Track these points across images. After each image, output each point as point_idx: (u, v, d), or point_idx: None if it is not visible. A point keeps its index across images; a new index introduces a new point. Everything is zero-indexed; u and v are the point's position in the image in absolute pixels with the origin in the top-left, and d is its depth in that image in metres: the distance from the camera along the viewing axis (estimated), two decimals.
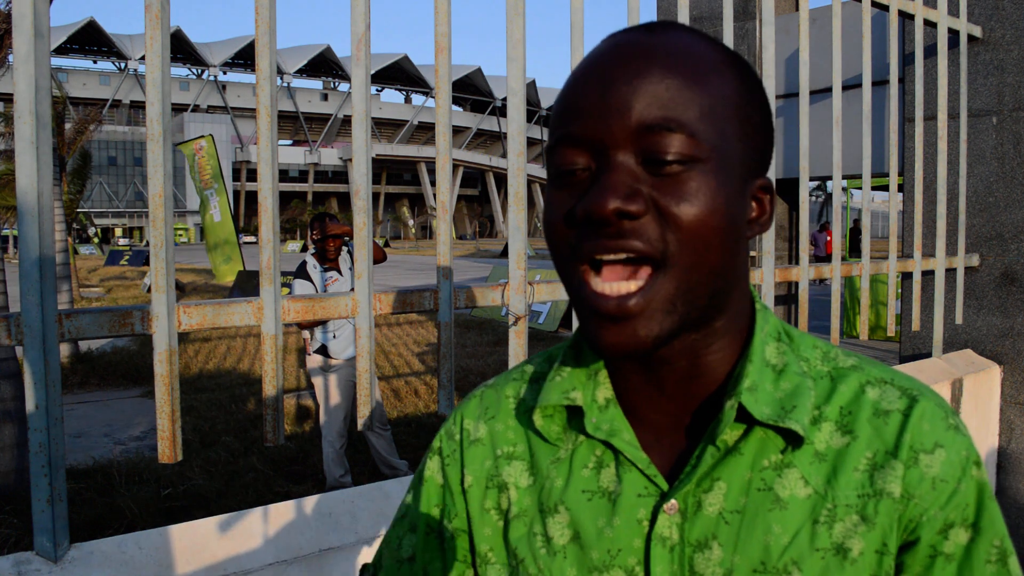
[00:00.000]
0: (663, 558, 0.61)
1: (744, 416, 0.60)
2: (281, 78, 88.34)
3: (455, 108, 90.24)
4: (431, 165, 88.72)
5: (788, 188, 4.64)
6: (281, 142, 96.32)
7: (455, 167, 79.66)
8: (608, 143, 0.55)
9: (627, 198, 0.54)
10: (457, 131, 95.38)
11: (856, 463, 0.60)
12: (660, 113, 0.54)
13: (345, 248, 4.76)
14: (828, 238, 19.20)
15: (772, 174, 2.38)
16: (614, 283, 0.56)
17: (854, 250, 19.00)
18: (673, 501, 0.61)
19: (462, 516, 0.71)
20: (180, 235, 75.70)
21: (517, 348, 1.76)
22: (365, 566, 0.76)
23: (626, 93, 0.55)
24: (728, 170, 0.57)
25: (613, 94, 0.55)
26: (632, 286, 0.55)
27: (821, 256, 17.98)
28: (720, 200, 0.56)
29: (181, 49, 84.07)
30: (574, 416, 0.67)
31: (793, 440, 0.60)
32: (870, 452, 0.60)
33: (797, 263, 2.53)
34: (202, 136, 19.69)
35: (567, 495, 0.65)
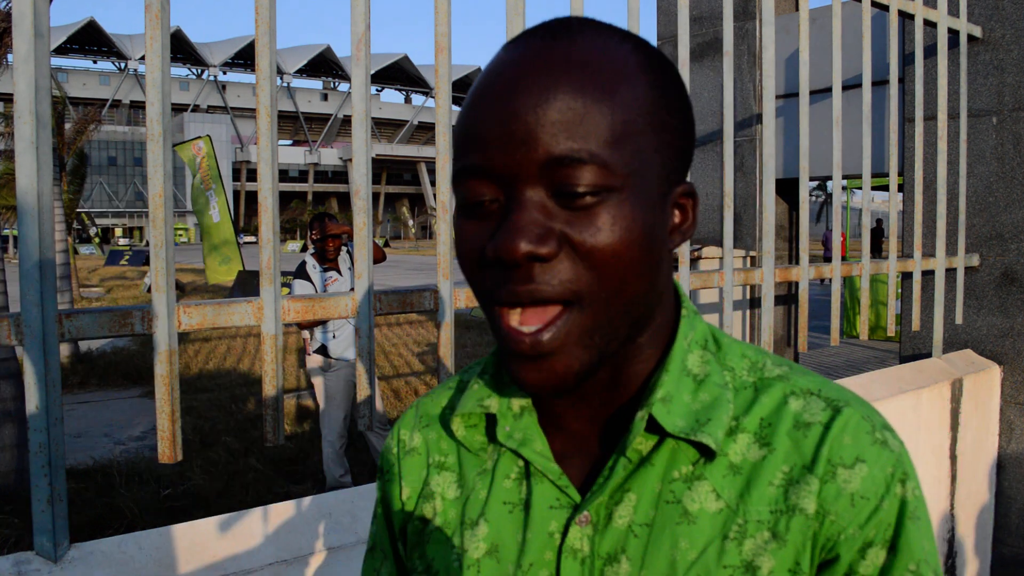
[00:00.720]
0: (574, 571, 0.59)
1: (657, 427, 0.58)
2: (281, 78, 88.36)
3: (455, 108, 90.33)
4: (431, 165, 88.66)
5: (788, 188, 4.64)
6: (281, 142, 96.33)
7: None
8: (515, 176, 0.52)
9: (538, 240, 0.51)
10: None
11: (771, 477, 0.57)
12: (568, 144, 0.51)
13: (345, 248, 4.76)
14: (841, 239, 19.22)
15: (772, 174, 2.38)
16: (528, 317, 0.54)
17: (876, 251, 18.97)
18: (586, 513, 0.59)
19: (403, 532, 0.69)
20: (180, 235, 75.70)
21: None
22: None
23: (530, 122, 0.51)
24: (645, 190, 0.54)
25: (517, 123, 0.51)
26: (549, 316, 0.53)
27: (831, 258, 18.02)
28: (637, 228, 0.53)
29: (181, 49, 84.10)
30: (493, 425, 0.65)
31: (706, 452, 0.58)
32: (787, 466, 0.57)
33: (797, 263, 2.53)
34: (199, 137, 19.69)
35: (488, 507, 0.63)
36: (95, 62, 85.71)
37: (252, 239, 64.12)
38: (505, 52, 0.55)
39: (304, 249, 44.92)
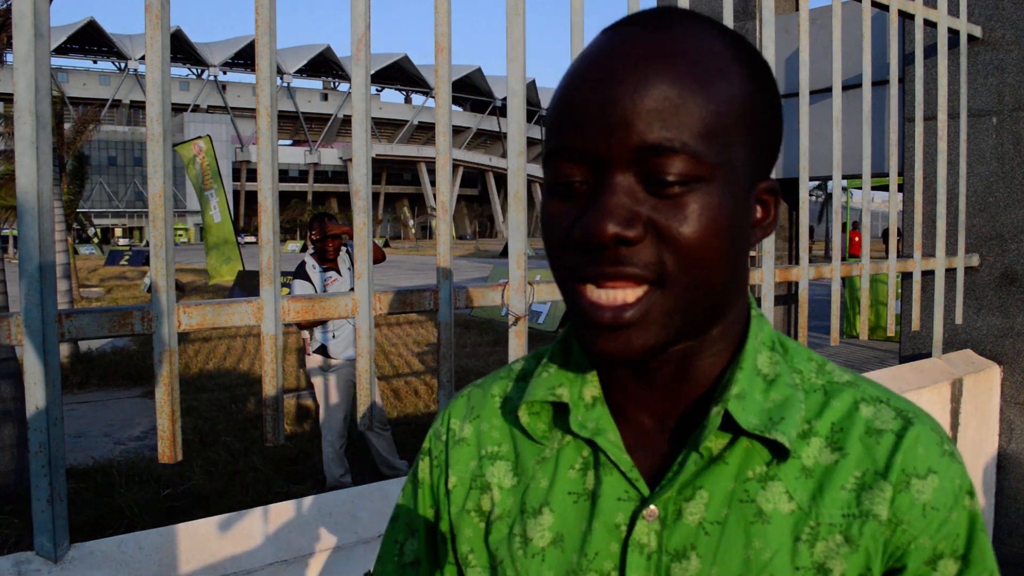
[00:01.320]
0: (639, 565, 0.59)
1: (730, 425, 0.58)
2: (281, 78, 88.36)
3: (455, 108, 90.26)
4: (431, 165, 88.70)
5: (788, 188, 4.64)
6: (281, 142, 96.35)
7: (455, 167, 79.73)
8: (607, 160, 0.53)
9: (625, 223, 0.52)
10: (457, 131, 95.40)
11: (844, 481, 0.57)
12: (662, 133, 0.52)
13: (344, 248, 4.76)
14: (856, 239, 19.25)
15: (772, 174, 2.38)
16: (611, 292, 0.54)
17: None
18: (653, 507, 0.59)
19: (446, 518, 0.70)
20: (180, 235, 75.72)
21: (517, 348, 1.76)
22: (368, 575, 0.75)
23: (627, 109, 0.52)
24: (732, 183, 0.55)
25: (613, 109, 0.52)
26: (630, 296, 0.54)
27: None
28: (722, 219, 0.54)
29: (181, 49, 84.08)
30: (560, 414, 0.65)
31: (779, 453, 0.58)
32: (859, 471, 0.57)
33: (797, 263, 2.53)
34: (199, 137, 19.67)
35: (552, 496, 0.63)
36: (95, 62, 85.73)
37: (252, 239, 64.13)
38: (606, 38, 0.56)
39: (304, 249, 44.91)
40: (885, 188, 11.41)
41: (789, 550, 0.56)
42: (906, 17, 2.92)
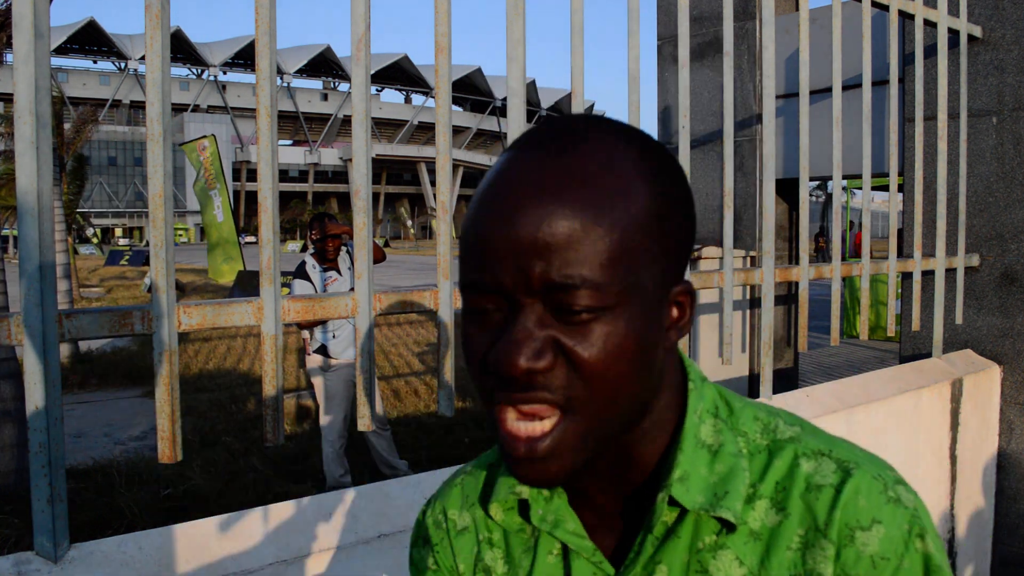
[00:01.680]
0: None
1: (678, 503, 0.61)
2: (281, 78, 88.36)
3: (455, 108, 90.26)
4: (431, 165, 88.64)
5: (788, 188, 4.64)
6: (281, 142, 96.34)
7: (455, 167, 79.69)
8: (515, 293, 0.55)
9: (536, 355, 0.54)
10: (457, 131, 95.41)
11: (788, 541, 0.59)
12: (565, 271, 0.53)
13: (344, 248, 4.76)
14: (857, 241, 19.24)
15: (772, 174, 2.38)
16: (528, 424, 0.56)
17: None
18: None
19: None
20: (180, 235, 75.72)
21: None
22: None
23: (530, 246, 0.54)
24: (640, 302, 0.56)
25: (518, 246, 0.54)
26: (546, 425, 0.56)
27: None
28: (628, 342, 0.56)
29: (181, 49, 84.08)
30: (527, 506, 0.68)
31: (727, 525, 0.60)
32: (801, 529, 0.59)
33: (797, 263, 2.53)
34: (204, 136, 19.68)
35: None
36: (95, 62, 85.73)
37: (252, 239, 64.11)
38: (511, 162, 0.57)
39: (304, 249, 44.91)
40: (885, 188, 11.41)
41: None
42: (906, 17, 2.92)
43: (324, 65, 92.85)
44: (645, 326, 0.57)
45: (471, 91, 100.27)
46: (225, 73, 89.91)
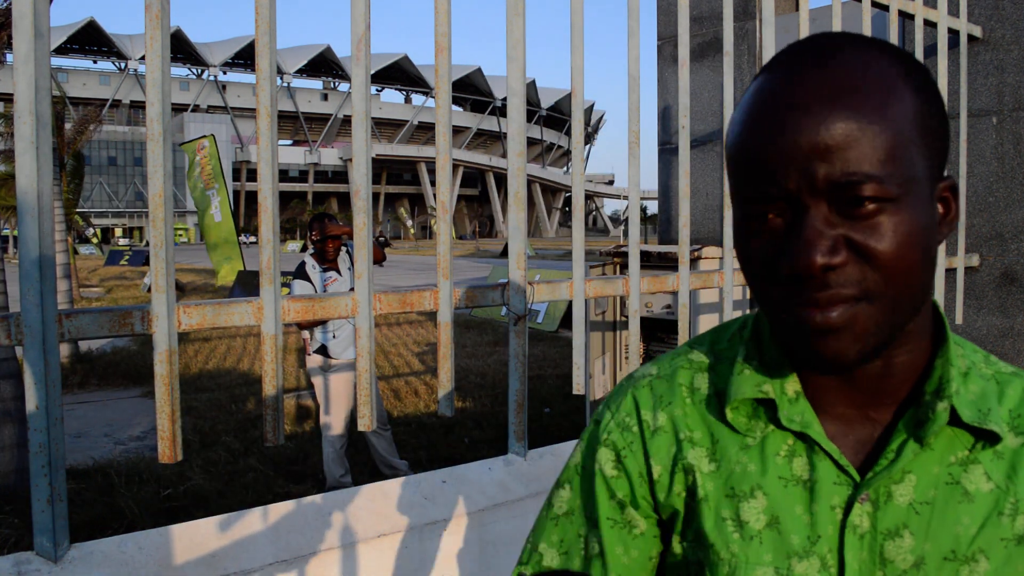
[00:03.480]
0: (855, 546, 0.63)
1: (952, 417, 0.63)
2: (281, 78, 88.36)
3: (455, 108, 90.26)
4: (431, 165, 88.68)
5: None
6: (281, 142, 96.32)
7: (455, 167, 79.68)
8: (800, 196, 0.57)
9: (830, 252, 0.57)
10: (457, 131, 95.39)
11: None
12: (848, 168, 0.56)
13: (344, 248, 4.77)
14: None
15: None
16: (824, 312, 0.59)
17: None
18: (866, 492, 0.63)
19: (649, 503, 0.72)
20: (180, 235, 75.72)
21: (517, 348, 1.76)
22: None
23: (811, 152, 0.56)
24: (917, 195, 0.59)
25: (800, 151, 0.57)
26: (842, 312, 0.59)
27: None
28: (915, 232, 0.58)
29: (181, 49, 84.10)
30: (761, 407, 0.69)
31: (988, 438, 0.64)
32: None
33: None
34: (204, 136, 19.68)
35: (764, 481, 0.66)
36: (95, 62, 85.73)
37: (254, 239, 64.14)
38: (774, 78, 0.60)
39: (304, 249, 44.92)
40: None
41: (994, 524, 0.62)
42: (906, 17, 2.92)
43: (324, 65, 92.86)
44: (925, 217, 0.60)
45: (471, 91, 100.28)
46: (225, 73, 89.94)
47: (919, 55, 2.94)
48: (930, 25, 3.00)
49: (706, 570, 0.68)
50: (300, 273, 4.64)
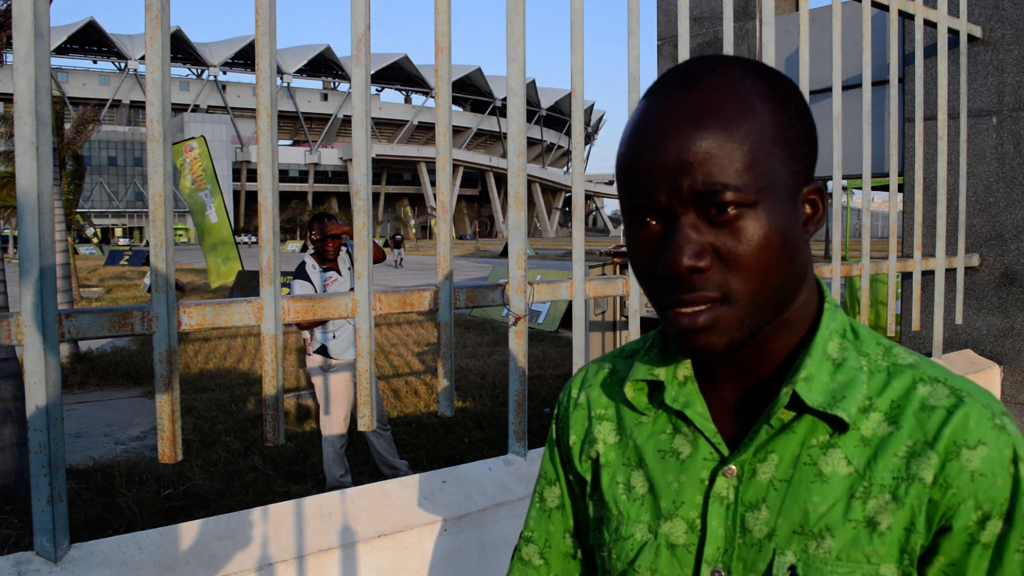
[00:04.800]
0: (719, 513, 0.72)
1: (798, 401, 0.69)
2: (281, 78, 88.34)
3: (455, 108, 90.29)
4: (431, 165, 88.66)
5: None
6: (281, 142, 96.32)
7: (455, 167, 79.64)
8: (671, 206, 0.66)
9: (696, 256, 0.65)
10: (457, 131, 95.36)
11: (896, 449, 0.67)
12: (709, 180, 0.64)
13: (344, 248, 4.76)
14: None
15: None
16: (690, 308, 0.67)
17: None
18: (732, 467, 0.71)
19: (576, 468, 0.85)
20: (180, 235, 75.69)
21: (517, 348, 1.76)
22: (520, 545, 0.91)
23: (679, 165, 0.65)
24: (777, 199, 0.66)
25: (669, 167, 0.65)
26: (704, 309, 0.67)
27: None
28: (773, 232, 0.66)
29: (181, 49, 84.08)
30: (656, 390, 0.79)
31: (839, 426, 0.69)
32: (910, 441, 0.67)
33: None
34: (192, 138, 19.64)
35: (646, 453, 0.78)
36: (95, 62, 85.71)
37: (254, 240, 64.10)
38: (649, 104, 0.69)
39: (304, 249, 44.89)
40: (885, 188, 11.40)
41: (844, 505, 0.67)
42: (906, 17, 2.92)
43: (324, 65, 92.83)
44: (784, 220, 0.67)
45: (471, 91, 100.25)
46: (225, 73, 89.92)
47: (919, 55, 2.94)
48: (930, 25, 3.00)
49: (603, 525, 0.80)
50: (300, 273, 4.64)
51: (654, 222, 0.68)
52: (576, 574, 0.88)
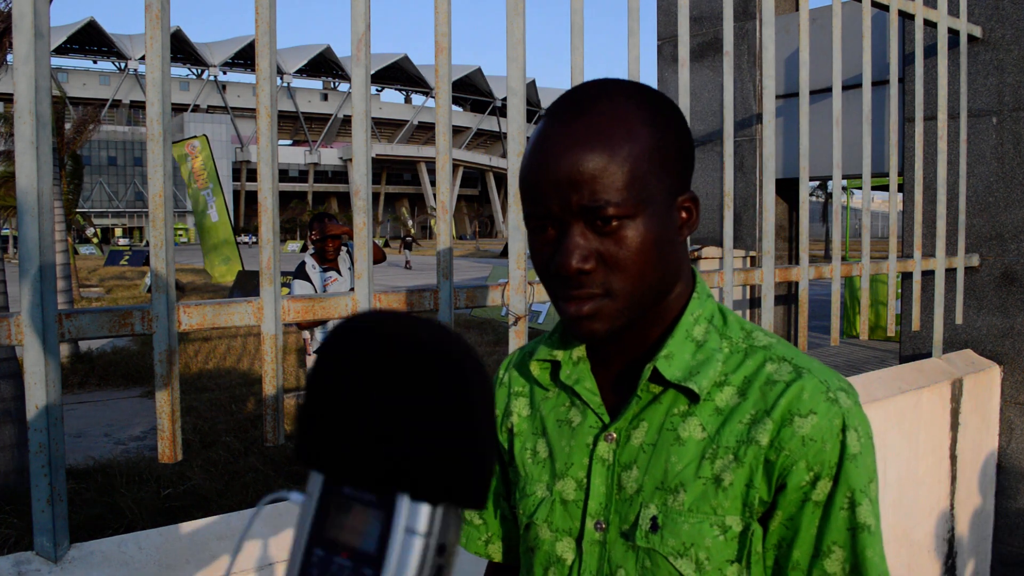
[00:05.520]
0: (600, 473, 0.83)
1: (660, 376, 0.80)
2: (281, 78, 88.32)
3: (455, 108, 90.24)
4: (431, 165, 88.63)
5: (788, 188, 4.64)
6: (281, 142, 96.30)
7: (455, 167, 79.62)
8: (563, 217, 0.76)
9: (583, 260, 0.76)
10: (457, 131, 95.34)
11: (741, 417, 0.78)
12: (594, 196, 0.74)
13: (344, 248, 4.76)
14: None
15: (772, 174, 2.38)
16: (578, 303, 0.79)
17: None
18: (611, 433, 0.83)
19: (498, 438, 0.95)
20: (180, 235, 75.68)
21: (517, 348, 1.76)
22: None
23: (567, 183, 0.75)
24: (653, 209, 0.77)
25: (558, 183, 0.75)
26: (592, 306, 0.78)
27: None
28: (649, 239, 0.76)
29: (181, 49, 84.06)
30: (557, 368, 0.90)
31: (693, 397, 0.80)
32: (754, 410, 0.78)
33: (797, 263, 2.53)
34: (195, 136, 19.64)
35: (548, 423, 0.90)
36: (95, 62, 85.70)
37: (254, 239, 64.07)
38: (548, 122, 0.78)
39: (304, 249, 44.86)
40: (885, 188, 11.40)
41: (696, 465, 0.78)
42: (906, 17, 2.92)
43: (324, 65, 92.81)
44: (660, 227, 0.78)
45: (471, 91, 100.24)
46: (225, 73, 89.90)
47: (919, 55, 2.94)
48: (930, 25, 3.00)
49: (515, 486, 0.92)
50: (300, 273, 4.64)
51: (550, 228, 0.78)
52: (512, 533, 0.99)
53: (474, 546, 1.02)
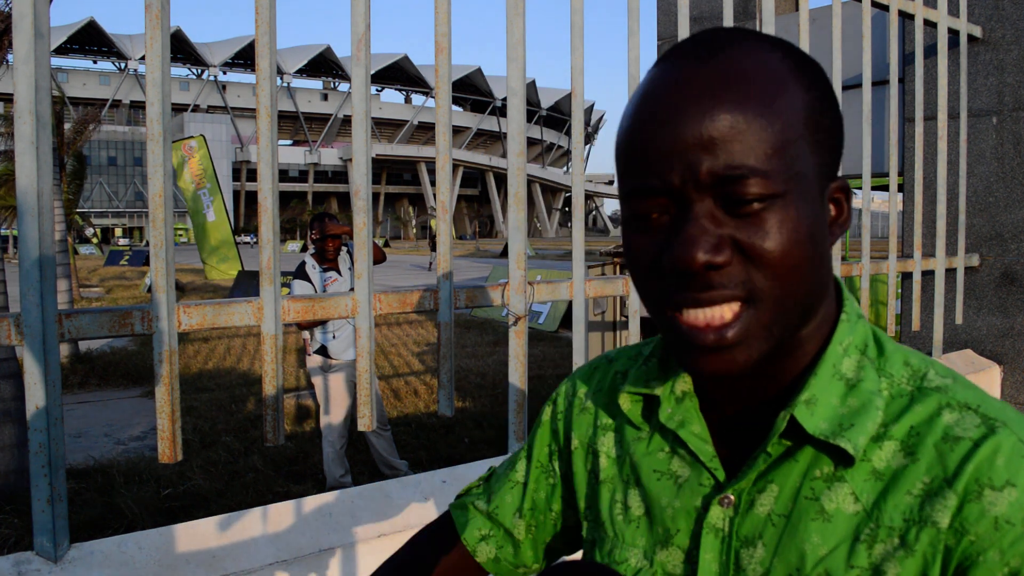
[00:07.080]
0: (713, 546, 0.63)
1: (798, 428, 0.60)
2: (281, 78, 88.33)
3: (455, 108, 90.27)
4: (431, 165, 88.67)
5: None
6: (281, 142, 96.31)
7: (455, 167, 79.63)
8: (685, 191, 0.56)
9: (714, 250, 0.55)
10: (457, 131, 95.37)
11: (910, 486, 0.56)
12: (732, 161, 0.54)
13: (344, 248, 4.76)
14: None
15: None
16: (709, 311, 0.56)
17: None
18: (729, 495, 0.62)
19: (567, 468, 0.79)
20: (180, 235, 75.70)
21: (517, 348, 1.76)
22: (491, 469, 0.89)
23: (695, 145, 0.54)
24: (805, 192, 0.57)
25: (683, 144, 0.55)
26: (727, 314, 0.56)
27: None
28: (802, 228, 0.56)
29: (181, 49, 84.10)
30: (653, 403, 0.70)
31: (844, 459, 0.59)
32: (928, 477, 0.56)
33: None
34: (191, 136, 19.65)
35: (642, 472, 0.69)
36: (95, 62, 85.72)
37: (254, 239, 64.07)
38: (662, 71, 0.58)
39: (304, 249, 44.89)
40: (885, 188, 11.39)
41: (847, 549, 0.57)
42: (906, 17, 2.92)
43: (324, 65, 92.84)
44: (813, 216, 0.57)
45: (471, 91, 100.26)
46: (225, 73, 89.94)
47: (919, 55, 2.94)
48: (930, 25, 3.00)
49: (596, 546, 0.73)
50: (300, 273, 4.64)
51: (660, 211, 0.57)
52: (522, 550, 0.82)
53: (471, 536, 0.83)
